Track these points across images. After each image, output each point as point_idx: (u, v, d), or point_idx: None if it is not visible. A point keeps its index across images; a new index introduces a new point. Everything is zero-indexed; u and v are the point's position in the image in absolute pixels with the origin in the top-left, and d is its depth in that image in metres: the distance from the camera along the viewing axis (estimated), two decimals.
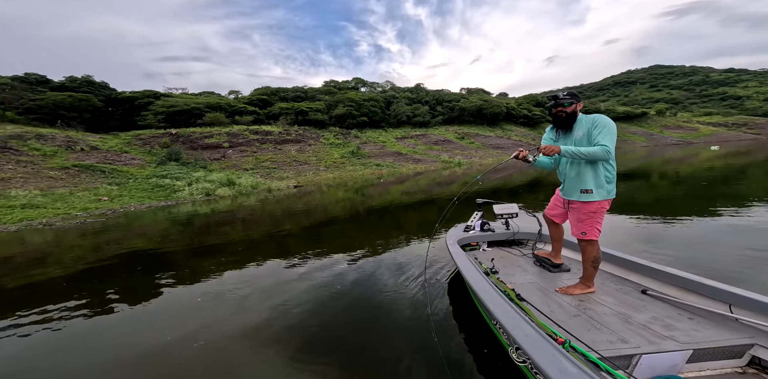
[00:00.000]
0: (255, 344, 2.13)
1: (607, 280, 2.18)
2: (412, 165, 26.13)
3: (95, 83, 29.15)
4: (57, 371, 1.98)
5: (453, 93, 51.53)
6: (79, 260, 4.56)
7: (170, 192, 13.23)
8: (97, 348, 2.20)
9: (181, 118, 26.42)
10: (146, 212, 9.81)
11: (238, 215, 8.68)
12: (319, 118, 31.58)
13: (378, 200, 10.11)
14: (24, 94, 23.26)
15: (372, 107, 36.58)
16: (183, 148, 20.41)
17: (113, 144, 19.32)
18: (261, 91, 37.80)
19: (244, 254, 4.45)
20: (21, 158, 13.34)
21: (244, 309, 2.68)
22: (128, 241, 5.83)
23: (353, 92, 40.27)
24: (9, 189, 10.07)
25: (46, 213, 8.63)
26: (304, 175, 20.47)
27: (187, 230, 6.89)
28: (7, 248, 5.59)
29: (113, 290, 3.33)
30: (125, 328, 2.48)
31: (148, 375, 1.85)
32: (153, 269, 4.08)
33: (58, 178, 12.41)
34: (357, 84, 49.29)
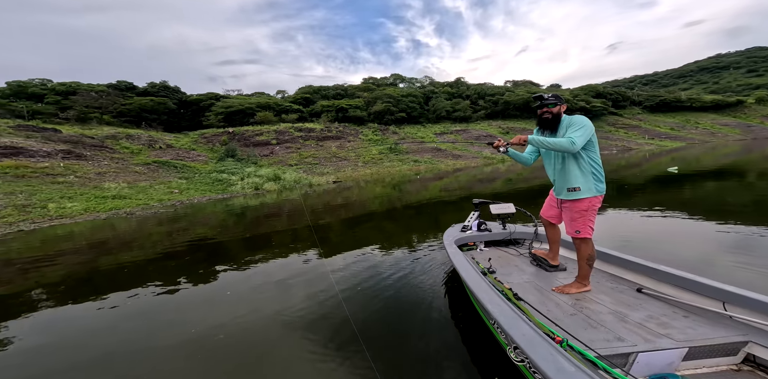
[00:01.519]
0: (292, 330, 2.23)
1: (603, 278, 2.18)
2: (452, 161, 25.36)
3: (170, 88, 32.89)
4: (120, 338, 2.34)
5: (497, 86, 48.42)
6: (155, 245, 5.28)
7: (226, 186, 14.59)
8: (161, 323, 2.55)
9: (237, 117, 28.74)
10: (207, 203, 10.98)
11: (283, 208, 9.29)
12: (358, 115, 32.03)
13: (416, 196, 10.05)
14: (116, 100, 27.14)
15: (410, 103, 36.03)
16: (238, 146, 22.27)
17: (184, 142, 21.75)
18: (304, 90, 39.38)
19: (289, 245, 4.75)
20: (114, 155, 15.70)
21: (288, 297, 2.85)
22: (193, 229, 6.59)
23: (391, 88, 39.97)
24: (104, 182, 11.97)
25: (130, 203, 10.13)
26: (343, 171, 21.07)
27: (240, 221, 7.58)
28: (102, 234, 6.68)
29: (182, 272, 3.76)
30: (190, 306, 2.80)
31: (204, 346, 2.10)
32: (214, 255, 4.58)
33: (141, 173, 14.40)
34: (395, 80, 48.79)
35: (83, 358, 2.08)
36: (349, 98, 36.36)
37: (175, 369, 1.91)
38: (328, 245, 4.58)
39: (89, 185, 11.36)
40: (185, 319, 2.58)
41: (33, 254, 5.14)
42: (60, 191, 10.23)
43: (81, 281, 3.74)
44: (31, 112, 22.43)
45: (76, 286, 3.55)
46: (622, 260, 2.18)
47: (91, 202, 9.69)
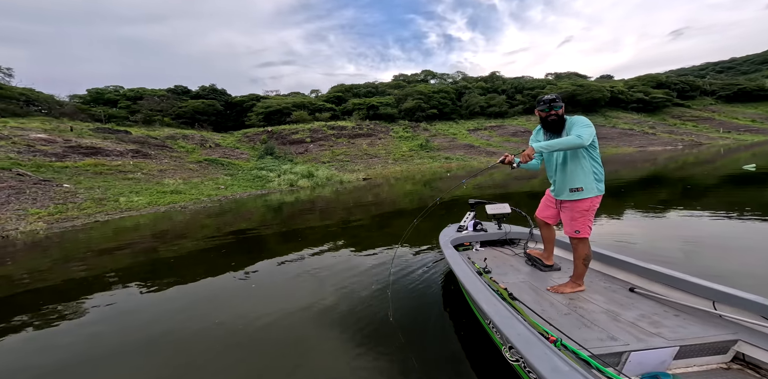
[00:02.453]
0: (324, 321, 2.31)
1: (596, 278, 2.19)
2: (485, 158, 24.40)
3: (218, 90, 35.48)
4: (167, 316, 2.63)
5: (536, 79, 45.34)
6: (205, 236, 5.79)
7: (265, 182, 15.49)
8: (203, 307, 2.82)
9: (275, 117, 30.21)
10: (248, 199, 11.78)
11: (316, 204, 9.67)
12: (389, 112, 31.97)
13: (447, 194, 9.86)
14: (174, 103, 29.93)
15: (442, 99, 35.13)
16: (276, 144, 23.45)
17: (229, 141, 23.43)
18: (336, 89, 40.11)
19: (321, 239, 4.95)
20: (172, 154, 17.40)
21: (320, 290, 2.96)
22: (237, 223, 7.13)
23: (422, 85, 39.22)
24: (164, 178, 13.35)
25: (184, 198, 11.20)
26: (373, 168, 21.26)
27: (278, 215, 8.05)
28: (161, 225, 7.50)
29: (228, 262, 4.04)
30: (232, 292, 3.07)
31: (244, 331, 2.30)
32: (255, 247, 4.93)
33: (194, 170, 15.82)
34: (426, 76, 47.70)
35: (135, 339, 2.36)
36: (379, 96, 36.40)
37: (220, 352, 2.10)
38: (358, 240, 4.69)
39: (152, 181, 12.75)
40: (229, 306, 2.81)
41: (107, 242, 5.93)
42: (129, 186, 11.62)
43: (144, 267, 4.24)
44: (107, 115, 25.57)
45: (139, 272, 4.03)
46: (615, 260, 2.18)
47: (154, 196, 10.88)
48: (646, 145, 28.04)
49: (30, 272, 4.25)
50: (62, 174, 11.19)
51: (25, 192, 8.95)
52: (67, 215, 8.27)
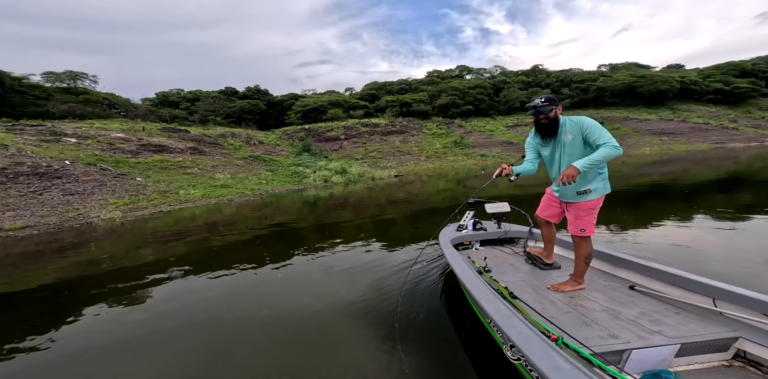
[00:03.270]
0: (355, 314, 2.36)
1: (597, 276, 2.17)
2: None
3: (261, 91, 37.60)
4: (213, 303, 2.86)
5: (587, 72, 41.33)
6: (248, 228, 6.24)
7: (301, 178, 16.18)
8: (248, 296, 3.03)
9: (312, 115, 31.26)
10: (285, 194, 12.42)
11: (349, 200, 9.89)
12: (422, 109, 31.39)
13: (482, 192, 9.51)
14: (225, 104, 32.38)
15: (478, 95, 33.59)
16: (312, 141, 24.30)
17: (271, 139, 24.81)
18: (370, 87, 40.24)
19: (352, 235, 5.04)
20: (223, 151, 18.90)
21: (352, 284, 3.01)
22: (276, 216, 7.57)
23: (457, 81, 37.78)
24: (216, 173, 14.58)
25: (231, 192, 12.15)
26: (405, 165, 21.13)
27: (313, 210, 8.41)
28: (212, 216, 8.21)
29: (268, 252, 4.29)
30: (268, 282, 3.24)
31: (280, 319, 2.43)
32: (292, 239, 5.21)
33: (240, 166, 17.05)
34: (461, 72, 45.81)
35: (185, 321, 2.60)
36: (413, 93, 35.83)
37: (254, 338, 2.25)
38: (387, 237, 4.70)
39: (206, 176, 14.01)
40: (264, 295, 2.98)
41: (169, 230, 6.66)
42: (187, 180, 12.89)
43: (197, 254, 4.67)
44: (171, 116, 28.48)
45: (194, 259, 4.45)
46: (615, 258, 2.16)
47: (206, 189, 11.95)
48: (726, 142, 24.19)
49: (109, 255, 4.92)
50: (135, 169, 12.76)
51: (106, 184, 10.37)
52: (138, 205, 9.43)
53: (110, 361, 2.10)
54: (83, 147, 13.18)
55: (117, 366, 2.03)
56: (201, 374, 1.89)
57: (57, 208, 8.27)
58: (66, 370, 2.03)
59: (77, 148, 12.96)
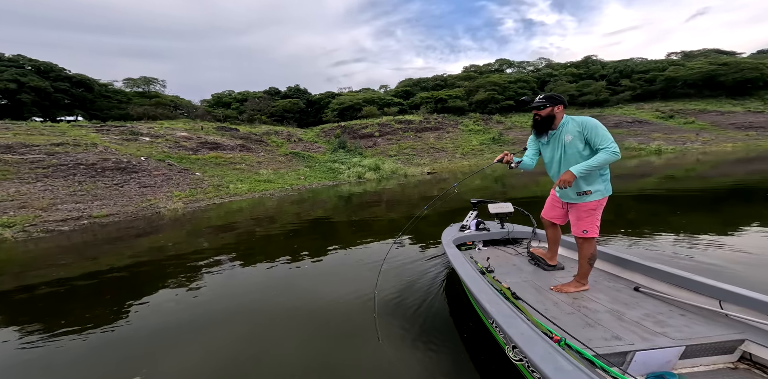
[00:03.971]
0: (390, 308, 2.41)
1: (600, 277, 2.14)
2: None
3: (301, 90, 39.20)
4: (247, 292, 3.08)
5: (652, 61, 36.56)
6: (288, 221, 6.60)
7: (336, 174, 16.66)
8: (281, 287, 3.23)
9: (348, 112, 31.85)
10: (321, 189, 12.91)
11: (382, 196, 10.02)
12: (458, 105, 30.30)
13: (522, 191, 9.02)
14: (269, 103, 34.40)
15: (520, 89, 31.56)
16: (348, 138, 24.82)
17: (309, 136, 25.86)
18: (404, 83, 39.76)
19: (385, 231, 5.10)
20: (267, 148, 20.17)
21: (367, 280, 2.98)
22: (313, 211, 7.93)
23: (496, 75, 35.72)
24: (260, 169, 15.65)
25: (273, 186, 12.96)
26: (439, 162, 20.67)
27: (348, 205, 8.65)
28: (257, 209, 8.86)
29: (305, 245, 4.49)
30: (304, 273, 3.36)
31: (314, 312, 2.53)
32: (328, 233, 5.43)
33: (282, 162, 18.07)
34: (501, 66, 43.11)
35: (231, 304, 2.81)
36: (448, 88, 34.70)
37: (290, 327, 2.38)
38: (420, 234, 4.64)
39: (252, 171, 15.10)
40: (298, 286, 3.14)
41: (220, 221, 7.33)
42: (236, 175, 14.03)
43: (243, 244, 5.08)
44: (224, 116, 31.06)
45: (240, 248, 4.84)
46: (619, 259, 2.13)
47: (252, 184, 12.90)
48: None
49: (173, 242, 5.57)
50: (195, 164, 14.20)
51: (172, 178, 11.70)
52: (196, 198, 10.51)
53: (170, 338, 2.38)
54: (155, 145, 14.98)
55: (174, 344, 2.29)
56: (243, 357, 2.05)
57: (134, 199, 9.56)
58: (133, 344, 2.34)
59: (150, 146, 14.76)
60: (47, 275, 3.98)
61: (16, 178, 9.04)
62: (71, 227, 7.10)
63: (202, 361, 2.04)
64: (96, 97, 25.75)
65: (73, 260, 4.72)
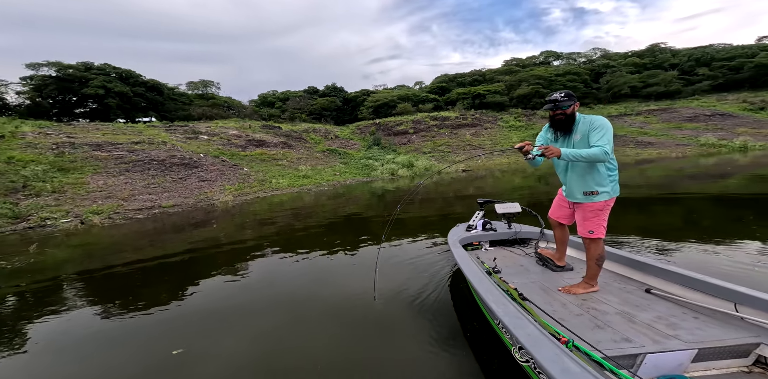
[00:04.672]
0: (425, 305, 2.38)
1: (611, 279, 2.09)
2: (634, 150, 19.05)
3: (337, 88, 40.07)
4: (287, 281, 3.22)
5: (738, 46, 31.03)
6: (324, 216, 6.84)
7: (370, 171, 16.83)
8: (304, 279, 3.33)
9: (382, 109, 31.86)
10: (356, 185, 13.15)
11: (416, 193, 9.91)
12: (498, 101, 28.65)
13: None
14: (308, 102, 35.81)
15: (569, 82, 28.99)
16: (382, 135, 24.88)
17: (345, 133, 26.43)
18: (440, 79, 38.58)
19: (420, 228, 5.03)
20: (306, 145, 21.08)
21: (401, 278, 2.96)
22: (348, 206, 8.12)
23: (541, 68, 33.06)
24: (300, 165, 16.42)
25: (310, 182, 13.52)
26: (476, 160, 19.85)
27: (381, 202, 8.75)
28: (295, 203, 9.32)
29: (339, 239, 4.63)
30: (338, 267, 3.38)
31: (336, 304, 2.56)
32: (361, 229, 5.49)
33: (319, 159, 18.76)
34: (547, 58, 39.74)
35: (271, 293, 2.94)
36: (487, 83, 32.93)
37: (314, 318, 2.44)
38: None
39: (292, 167, 15.92)
40: (332, 279, 3.22)
41: (264, 214, 7.85)
42: (278, 171, 14.90)
43: (284, 236, 5.36)
44: (268, 115, 33.09)
45: (281, 240, 5.09)
46: (631, 260, 2.08)
47: (292, 179, 13.60)
48: None
49: (224, 232, 6.10)
50: (244, 161, 15.37)
51: (225, 173, 12.81)
52: (243, 191, 11.39)
53: (221, 322, 2.58)
54: (211, 142, 16.51)
55: (216, 325, 2.48)
56: (282, 345, 2.13)
57: (193, 191, 10.66)
58: (183, 321, 2.57)
59: (207, 143, 16.30)
60: (124, 258, 4.63)
61: (104, 172, 10.61)
62: (145, 216, 8.16)
63: (242, 343, 2.18)
64: (165, 99, 29.05)
65: (144, 245, 5.41)
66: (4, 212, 7.14)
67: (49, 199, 8.36)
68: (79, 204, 8.39)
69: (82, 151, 11.49)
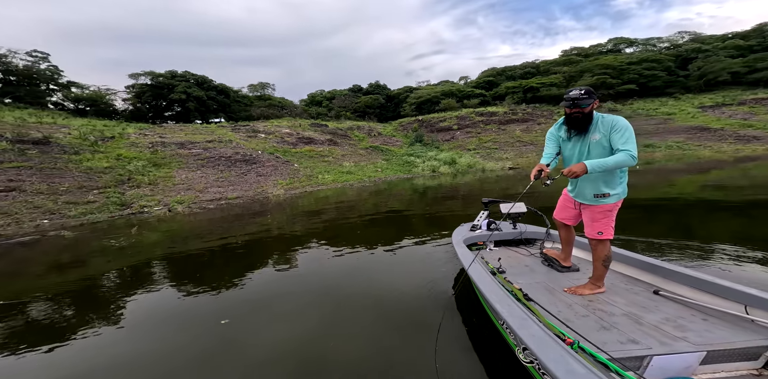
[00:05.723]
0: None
1: (617, 280, 2.05)
2: (731, 146, 16.12)
3: (381, 86, 40.31)
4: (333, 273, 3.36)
5: None
6: (366, 211, 6.97)
7: (411, 167, 16.69)
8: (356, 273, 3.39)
9: (425, 106, 31.19)
10: (397, 181, 13.18)
11: (459, 191, 9.63)
12: (554, 94, 26.01)
13: (648, 191, 7.33)
14: (353, 100, 36.76)
15: (646, 71, 25.04)
16: (425, 132, 24.44)
17: (388, 130, 26.57)
18: (487, 73, 36.28)
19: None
20: (350, 142, 21.75)
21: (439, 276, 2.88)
22: (389, 202, 8.19)
23: (609, 57, 29.00)
24: (344, 162, 17.03)
25: (353, 178, 13.93)
26: (526, 157, 18.37)
27: (422, 199, 8.67)
28: (339, 198, 9.70)
29: (381, 234, 4.68)
30: (378, 263, 3.38)
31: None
32: (402, 224, 5.55)
33: (362, 155, 19.21)
34: (616, 45, 34.67)
35: (317, 286, 3.04)
36: (541, 76, 29.99)
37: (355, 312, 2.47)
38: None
39: (336, 164, 16.59)
40: (369, 274, 3.26)
41: (311, 207, 8.34)
42: (324, 167, 15.66)
43: (329, 230, 5.59)
44: (316, 113, 34.87)
45: (326, 234, 5.33)
46: (638, 261, 2.03)
47: (336, 175, 14.18)
48: None
49: (276, 223, 6.65)
50: (294, 157, 16.51)
51: (278, 169, 13.93)
52: (293, 186, 12.25)
53: (264, 300, 2.77)
54: (267, 140, 18.05)
55: (264, 306, 2.65)
56: (319, 336, 2.19)
57: (252, 185, 11.82)
58: (237, 302, 2.82)
59: (264, 141, 17.86)
60: (197, 241, 5.33)
61: (185, 167, 12.36)
62: (215, 206, 9.31)
63: (280, 321, 2.33)
64: (231, 102, 32.51)
65: (213, 231, 6.18)
66: (115, 200, 8.79)
67: (146, 190, 10.06)
68: (167, 194, 9.93)
69: (170, 149, 13.52)
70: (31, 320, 2.80)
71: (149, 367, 2.04)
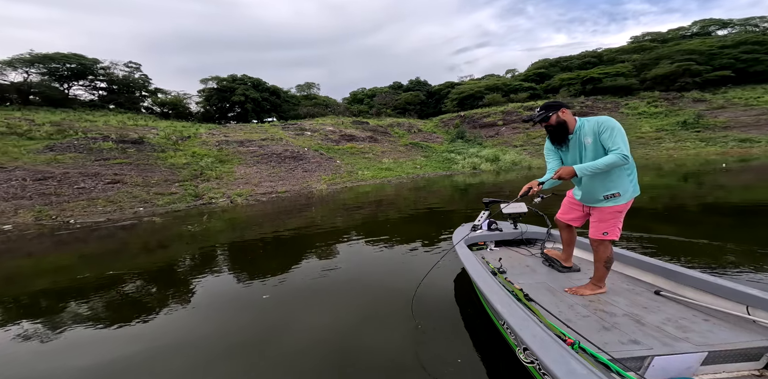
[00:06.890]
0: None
1: (619, 280, 2.03)
2: None
3: (421, 82, 39.38)
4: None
5: None
6: (405, 207, 6.96)
7: (451, 164, 16.11)
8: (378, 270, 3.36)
9: (468, 101, 29.67)
10: (436, 178, 12.86)
11: (503, 189, 9.09)
12: (621, 84, 22.77)
13: (740, 193, 6.32)
14: (393, 97, 36.59)
15: (744, 54, 20.75)
16: (467, 128, 23.34)
17: (428, 127, 25.98)
18: (537, 65, 32.98)
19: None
20: (390, 139, 21.78)
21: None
22: (428, 199, 8.09)
23: (695, 41, 24.31)
24: (383, 158, 17.14)
25: (392, 174, 13.95)
26: None
27: (464, 197, 8.41)
28: (377, 193, 9.79)
29: (421, 231, 4.59)
30: (418, 260, 3.21)
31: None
32: (443, 222, 5.43)
33: (402, 152, 19.12)
34: (704, 28, 28.74)
35: (352, 278, 3.07)
36: (604, 65, 26.33)
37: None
38: None
39: (376, 160, 16.78)
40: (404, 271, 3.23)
41: (351, 202, 8.57)
42: (364, 163, 15.96)
43: (368, 225, 5.65)
44: (358, 111, 35.57)
45: (365, 229, 5.35)
46: (639, 262, 2.02)
47: (375, 171, 14.35)
48: None
49: (320, 216, 6.97)
50: (337, 154, 17.13)
51: (322, 165, 14.59)
52: (335, 181, 12.73)
53: (305, 303, 2.85)
54: (313, 138, 19.00)
55: (303, 308, 2.73)
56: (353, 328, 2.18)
57: (299, 180, 12.59)
58: (278, 282, 2.99)
59: (310, 139, 18.84)
60: (252, 231, 5.85)
61: (244, 163, 13.66)
62: (267, 199, 10.14)
63: (314, 304, 2.43)
64: (282, 102, 34.85)
65: (265, 222, 6.73)
66: (190, 192, 10.11)
67: (214, 183, 11.37)
68: (230, 188, 11.10)
69: (232, 147, 15.05)
70: (124, 295, 3.30)
71: (202, 323, 2.28)
